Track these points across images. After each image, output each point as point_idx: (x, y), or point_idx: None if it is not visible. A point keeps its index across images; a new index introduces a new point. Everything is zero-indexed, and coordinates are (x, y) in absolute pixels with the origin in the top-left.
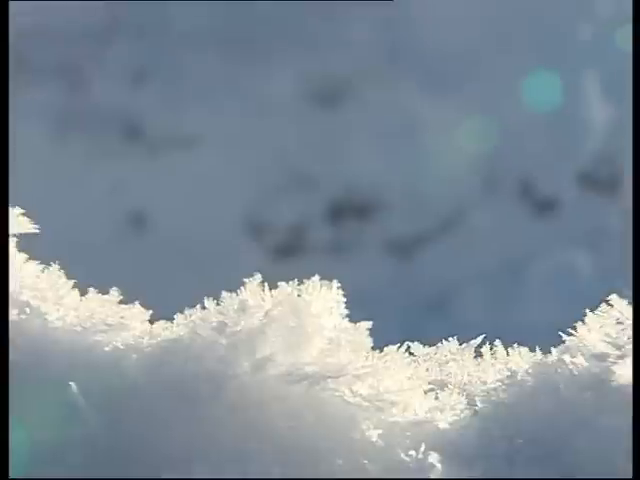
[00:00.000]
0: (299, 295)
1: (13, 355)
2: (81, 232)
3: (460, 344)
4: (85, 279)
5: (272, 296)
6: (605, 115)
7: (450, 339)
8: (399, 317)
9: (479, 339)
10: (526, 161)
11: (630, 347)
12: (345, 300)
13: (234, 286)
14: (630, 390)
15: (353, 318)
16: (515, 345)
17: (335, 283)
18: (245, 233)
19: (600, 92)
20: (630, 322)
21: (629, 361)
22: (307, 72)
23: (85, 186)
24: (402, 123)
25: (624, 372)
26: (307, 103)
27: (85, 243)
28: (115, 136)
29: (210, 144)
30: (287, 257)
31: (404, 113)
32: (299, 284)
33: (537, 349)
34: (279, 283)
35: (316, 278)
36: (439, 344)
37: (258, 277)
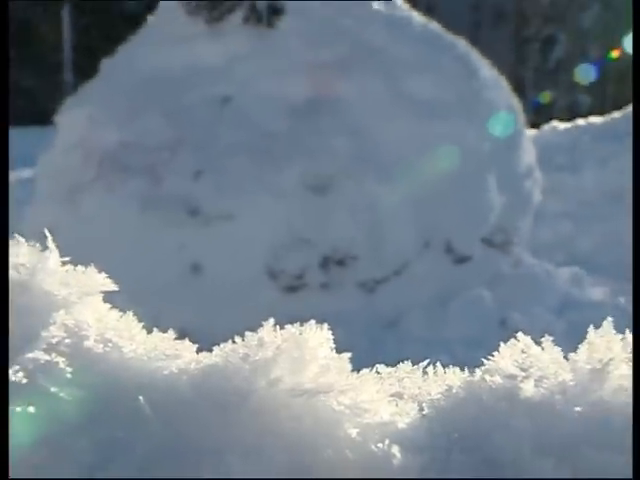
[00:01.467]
0: (300, 333)
1: (97, 378)
2: (157, 277)
3: (413, 365)
4: (157, 314)
5: (282, 334)
6: (499, 201)
7: (405, 361)
8: (366, 332)
9: (425, 362)
10: (450, 229)
11: (533, 370)
12: (332, 337)
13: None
14: (533, 402)
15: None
16: (450, 365)
17: (326, 325)
18: (265, 277)
19: (496, 186)
20: (532, 351)
21: (532, 381)
22: (305, 171)
23: (160, 247)
24: (366, 203)
25: (528, 387)
26: (306, 191)
27: (159, 285)
28: (181, 213)
29: (243, 218)
30: (293, 293)
31: (368, 197)
32: (301, 325)
33: (466, 369)
34: (286, 325)
35: (312, 322)
36: (398, 365)
37: (271, 320)
